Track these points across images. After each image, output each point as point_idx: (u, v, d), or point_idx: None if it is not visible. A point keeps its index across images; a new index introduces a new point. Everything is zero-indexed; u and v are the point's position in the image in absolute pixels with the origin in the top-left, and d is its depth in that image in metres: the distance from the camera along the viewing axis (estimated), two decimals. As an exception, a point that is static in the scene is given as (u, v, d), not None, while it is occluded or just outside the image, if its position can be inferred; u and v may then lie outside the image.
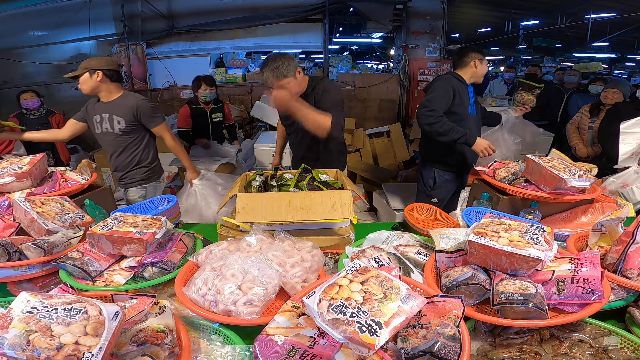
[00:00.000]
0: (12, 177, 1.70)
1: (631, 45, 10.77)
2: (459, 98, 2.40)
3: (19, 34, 5.44)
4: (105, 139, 2.46)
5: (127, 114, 2.38)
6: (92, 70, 2.28)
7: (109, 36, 5.53)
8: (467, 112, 2.45)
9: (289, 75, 2.04)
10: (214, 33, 5.52)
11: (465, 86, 2.48)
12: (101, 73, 2.30)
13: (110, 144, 2.46)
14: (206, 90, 3.77)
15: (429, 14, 5.61)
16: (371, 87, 5.73)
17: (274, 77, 2.01)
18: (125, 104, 2.39)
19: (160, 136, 2.53)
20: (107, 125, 2.40)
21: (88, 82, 2.30)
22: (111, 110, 2.38)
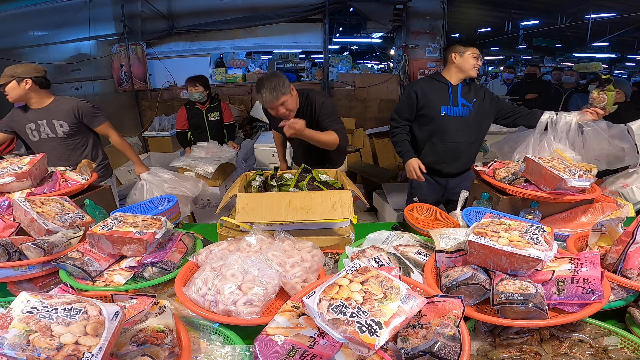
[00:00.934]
0: (12, 177, 1.70)
1: (631, 45, 10.77)
2: (424, 100, 2.35)
3: (19, 34, 5.43)
4: (48, 145, 2.38)
5: (68, 116, 2.36)
6: (20, 78, 2.23)
7: (109, 36, 5.52)
8: (439, 113, 2.34)
9: (286, 92, 2.08)
10: (214, 33, 5.51)
11: (444, 85, 2.36)
12: (30, 81, 2.26)
13: (56, 149, 2.39)
14: (193, 90, 3.75)
15: (429, 14, 5.60)
16: (371, 87, 5.72)
17: (273, 97, 2.05)
18: (64, 107, 2.37)
19: (105, 134, 2.54)
20: (47, 131, 2.35)
21: (16, 90, 2.25)
22: (49, 116, 2.34)
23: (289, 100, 2.11)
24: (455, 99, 2.34)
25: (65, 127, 2.36)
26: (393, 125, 2.47)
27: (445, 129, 2.36)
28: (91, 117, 2.44)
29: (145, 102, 5.74)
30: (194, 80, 3.77)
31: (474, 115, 2.37)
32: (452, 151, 2.39)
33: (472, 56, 2.29)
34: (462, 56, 2.30)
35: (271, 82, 2.05)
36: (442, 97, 2.35)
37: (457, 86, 2.36)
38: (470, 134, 2.41)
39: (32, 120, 2.34)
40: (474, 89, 2.41)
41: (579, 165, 1.77)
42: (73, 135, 2.41)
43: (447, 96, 2.35)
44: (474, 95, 2.37)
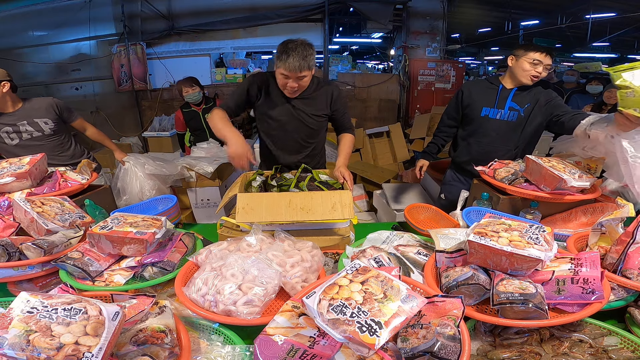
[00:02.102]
0: (12, 177, 1.70)
1: (631, 45, 10.77)
2: (469, 99, 2.27)
3: (19, 34, 5.44)
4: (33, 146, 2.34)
5: (49, 112, 2.36)
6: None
7: (109, 36, 5.53)
8: (479, 114, 2.23)
9: (312, 68, 1.84)
10: (214, 33, 5.51)
11: (495, 87, 2.22)
12: (7, 84, 2.24)
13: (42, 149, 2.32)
14: (190, 92, 3.72)
15: (429, 14, 5.61)
16: (371, 87, 5.73)
17: (300, 66, 1.76)
18: (42, 105, 2.37)
19: (82, 128, 2.56)
20: (30, 130, 2.32)
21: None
22: (28, 116, 2.31)
23: (308, 77, 1.85)
24: (502, 102, 2.19)
25: (50, 123, 2.36)
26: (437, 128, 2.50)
27: (484, 131, 2.24)
28: (68, 112, 2.46)
29: (145, 102, 5.74)
30: (189, 81, 3.72)
31: (524, 120, 2.17)
32: (487, 154, 2.20)
33: (527, 62, 2.07)
34: (517, 60, 2.12)
35: (305, 50, 1.77)
36: (487, 98, 2.23)
37: (511, 90, 2.18)
38: (512, 140, 2.22)
39: (7, 124, 2.29)
40: (535, 93, 2.16)
41: (585, 162, 1.76)
42: (58, 132, 2.41)
43: (494, 98, 2.21)
44: (529, 100, 2.15)
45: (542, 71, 2.06)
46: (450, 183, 2.51)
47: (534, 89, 2.17)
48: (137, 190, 2.51)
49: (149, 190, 2.54)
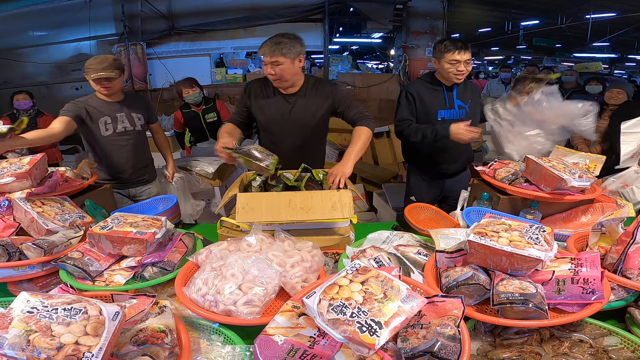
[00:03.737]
0: (12, 177, 1.69)
1: (631, 45, 10.78)
2: (420, 104, 2.22)
3: (19, 34, 5.44)
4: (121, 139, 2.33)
5: (143, 109, 2.40)
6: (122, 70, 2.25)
7: (109, 36, 5.53)
8: (436, 117, 2.21)
9: (288, 55, 1.86)
10: (214, 33, 5.51)
11: (439, 87, 2.22)
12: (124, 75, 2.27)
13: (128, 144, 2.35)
14: (190, 93, 3.70)
15: (429, 14, 5.61)
16: (371, 87, 5.73)
17: (270, 50, 1.85)
18: (138, 101, 2.43)
19: (156, 131, 2.59)
20: (125, 124, 2.32)
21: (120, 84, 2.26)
22: (127, 109, 2.33)
23: (286, 65, 1.87)
24: (450, 101, 2.24)
25: (142, 119, 2.39)
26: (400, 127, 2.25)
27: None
28: (152, 112, 2.51)
29: (145, 102, 5.74)
30: (189, 82, 3.70)
31: (470, 116, 2.25)
32: (450, 153, 2.30)
33: (445, 63, 2.11)
34: (439, 62, 2.16)
35: (282, 37, 1.87)
36: (438, 101, 2.22)
37: (452, 87, 2.24)
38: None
39: (108, 114, 2.27)
40: (470, 87, 2.32)
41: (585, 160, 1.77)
42: (143, 131, 2.43)
43: (443, 99, 2.23)
44: (470, 96, 2.28)
45: (464, 68, 2.11)
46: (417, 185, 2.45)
47: (469, 84, 2.31)
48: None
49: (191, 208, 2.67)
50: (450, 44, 2.09)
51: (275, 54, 1.84)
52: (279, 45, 1.84)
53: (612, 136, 3.17)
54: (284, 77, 1.92)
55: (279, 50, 1.84)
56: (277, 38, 1.87)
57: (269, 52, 1.86)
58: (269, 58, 1.86)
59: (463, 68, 2.11)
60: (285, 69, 1.89)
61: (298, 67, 1.94)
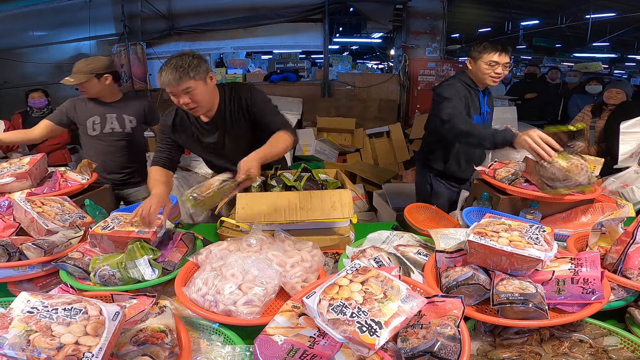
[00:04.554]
0: (12, 177, 1.70)
1: (631, 45, 10.76)
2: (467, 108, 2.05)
3: (19, 34, 5.44)
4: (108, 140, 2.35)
5: (138, 113, 2.39)
6: (100, 74, 2.21)
7: (109, 36, 5.53)
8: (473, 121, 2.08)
9: (197, 77, 1.58)
10: (214, 33, 5.51)
11: (475, 91, 2.11)
12: (110, 77, 2.26)
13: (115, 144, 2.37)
14: None
15: (429, 14, 5.61)
16: (371, 87, 5.73)
17: (175, 78, 1.54)
18: (135, 104, 2.41)
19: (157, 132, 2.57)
20: (114, 125, 2.33)
21: (96, 87, 2.22)
22: (119, 110, 2.33)
23: (198, 88, 1.60)
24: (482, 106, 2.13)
25: (134, 122, 2.37)
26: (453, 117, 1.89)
27: None
28: (153, 114, 2.49)
29: (145, 102, 5.74)
30: None
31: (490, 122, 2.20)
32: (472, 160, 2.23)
33: (484, 63, 2.00)
34: (475, 63, 2.04)
35: (181, 60, 1.56)
36: (474, 105, 2.07)
37: (485, 91, 2.14)
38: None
39: (97, 114, 2.29)
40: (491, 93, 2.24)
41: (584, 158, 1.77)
42: (134, 132, 2.42)
43: (478, 104, 2.09)
44: (492, 102, 2.20)
45: (502, 71, 2.01)
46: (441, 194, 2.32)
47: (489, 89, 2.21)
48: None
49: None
50: (490, 45, 2.00)
51: (183, 80, 1.55)
52: (182, 69, 1.55)
53: (610, 136, 3.18)
54: (202, 103, 1.65)
55: (185, 75, 1.55)
56: (176, 61, 1.56)
57: (175, 80, 1.54)
58: (177, 87, 1.56)
59: (501, 71, 2.01)
60: (200, 93, 1.62)
61: (211, 85, 1.68)
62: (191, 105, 1.63)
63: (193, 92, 1.59)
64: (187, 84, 1.56)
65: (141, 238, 1.32)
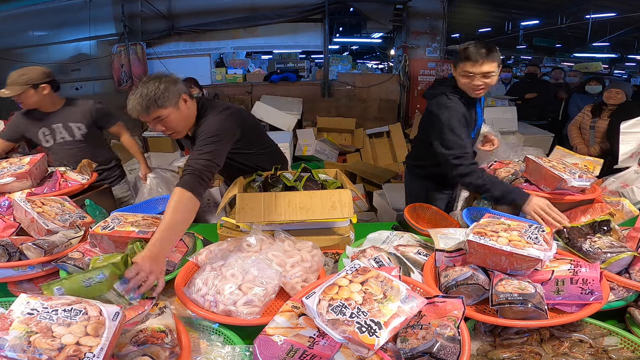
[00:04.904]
0: (12, 177, 1.70)
1: (631, 45, 10.76)
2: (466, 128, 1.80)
3: (19, 34, 5.44)
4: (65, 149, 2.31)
5: (84, 117, 2.31)
6: (36, 84, 2.13)
7: (109, 36, 5.53)
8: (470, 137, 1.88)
9: (167, 104, 1.48)
10: (214, 33, 5.51)
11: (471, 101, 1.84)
12: (48, 86, 2.17)
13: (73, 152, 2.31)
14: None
15: (429, 14, 5.61)
16: (371, 87, 5.73)
17: (143, 109, 1.45)
18: (79, 110, 2.32)
19: (118, 134, 2.54)
20: (63, 135, 2.28)
21: (33, 98, 2.14)
22: (64, 119, 2.27)
23: (171, 116, 1.51)
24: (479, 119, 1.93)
25: (83, 128, 2.32)
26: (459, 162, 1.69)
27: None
28: (106, 117, 2.43)
29: (145, 102, 5.74)
30: (188, 82, 3.68)
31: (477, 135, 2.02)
32: None
33: (461, 73, 1.73)
34: (455, 71, 1.77)
35: (147, 87, 1.45)
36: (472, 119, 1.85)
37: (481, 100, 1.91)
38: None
39: (45, 125, 2.25)
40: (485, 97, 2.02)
41: (583, 163, 1.77)
42: (89, 138, 2.36)
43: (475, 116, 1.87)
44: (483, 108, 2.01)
45: (481, 82, 1.68)
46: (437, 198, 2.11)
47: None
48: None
49: None
50: (464, 53, 1.67)
51: (152, 109, 1.46)
52: (149, 98, 1.44)
53: (611, 137, 3.18)
54: (177, 129, 1.58)
55: (153, 105, 1.46)
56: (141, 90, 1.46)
57: (143, 111, 1.46)
58: (147, 117, 1.49)
59: (480, 82, 1.69)
60: (173, 120, 1.53)
61: (185, 108, 1.56)
62: (167, 132, 1.57)
63: (165, 120, 1.51)
64: (157, 114, 1.48)
65: (141, 238, 1.32)
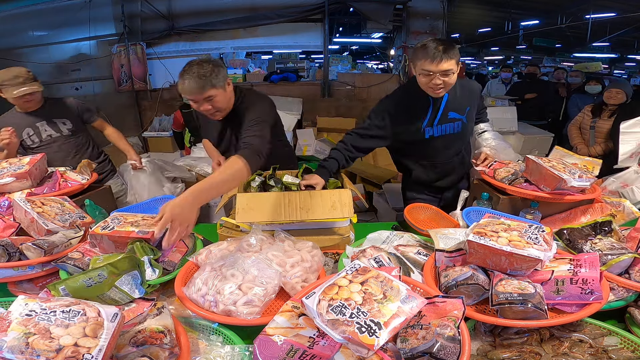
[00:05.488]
0: (12, 177, 1.70)
1: (631, 45, 10.77)
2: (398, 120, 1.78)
3: (19, 34, 5.43)
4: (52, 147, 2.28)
5: (68, 112, 2.31)
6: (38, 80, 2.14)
7: (109, 36, 5.52)
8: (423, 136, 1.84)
9: (218, 85, 1.65)
10: (214, 33, 5.51)
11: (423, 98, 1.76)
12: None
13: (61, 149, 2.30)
14: None
15: (429, 14, 5.60)
16: (371, 87, 5.72)
17: (199, 87, 1.60)
18: (61, 105, 2.32)
19: (101, 128, 2.51)
20: (49, 132, 2.26)
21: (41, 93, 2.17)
22: (47, 116, 2.25)
23: (219, 96, 1.68)
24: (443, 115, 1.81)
25: (68, 124, 2.31)
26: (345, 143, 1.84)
27: (433, 152, 1.92)
28: (88, 112, 2.42)
29: (145, 102, 5.74)
30: None
31: (467, 124, 1.90)
32: (442, 168, 2.01)
33: (418, 72, 1.66)
34: (414, 69, 1.70)
35: (202, 68, 1.61)
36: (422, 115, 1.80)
37: (442, 97, 1.77)
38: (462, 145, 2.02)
39: (28, 125, 2.23)
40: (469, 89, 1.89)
41: (582, 164, 1.77)
42: (76, 133, 2.36)
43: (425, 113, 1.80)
44: (467, 101, 1.87)
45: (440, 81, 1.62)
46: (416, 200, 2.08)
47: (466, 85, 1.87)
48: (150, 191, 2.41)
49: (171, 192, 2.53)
50: (423, 49, 1.60)
51: (206, 89, 1.62)
52: (205, 78, 1.60)
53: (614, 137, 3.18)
54: (221, 109, 1.75)
55: (208, 84, 1.62)
56: (197, 69, 1.61)
57: (198, 90, 1.61)
58: (199, 96, 1.63)
59: (439, 81, 1.62)
60: (220, 100, 1.70)
61: (229, 90, 1.77)
62: (211, 111, 1.71)
63: (214, 100, 1.67)
64: (209, 93, 1.63)
65: (141, 238, 1.32)
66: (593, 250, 1.20)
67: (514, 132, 4.39)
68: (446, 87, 1.67)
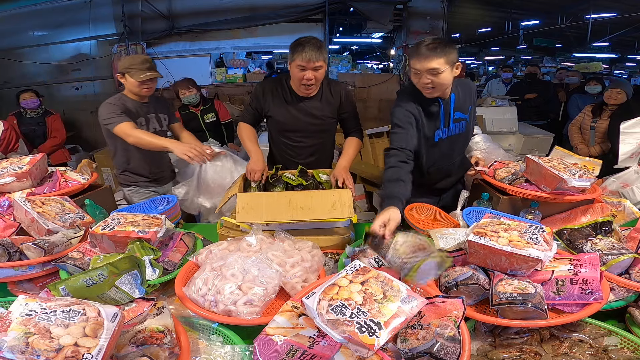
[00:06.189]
0: (12, 177, 1.70)
1: (631, 45, 10.77)
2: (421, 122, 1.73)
3: (19, 34, 5.44)
4: None
5: (167, 109, 2.34)
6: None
7: (109, 36, 5.52)
8: (433, 140, 1.78)
9: (326, 60, 1.91)
10: (214, 33, 5.51)
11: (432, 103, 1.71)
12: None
13: None
14: (187, 94, 3.66)
15: (429, 14, 5.60)
16: (371, 87, 5.72)
17: (316, 55, 1.81)
18: (162, 101, 2.34)
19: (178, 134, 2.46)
20: (155, 126, 2.27)
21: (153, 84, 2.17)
22: (155, 109, 2.26)
23: (323, 69, 1.90)
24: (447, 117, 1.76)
25: (167, 120, 2.31)
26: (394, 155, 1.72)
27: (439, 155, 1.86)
28: (173, 113, 2.41)
29: (146, 102, 5.74)
30: (186, 83, 3.66)
31: (469, 123, 1.87)
32: (445, 170, 1.95)
33: (413, 73, 1.63)
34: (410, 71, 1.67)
35: (318, 42, 1.86)
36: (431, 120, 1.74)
37: (450, 98, 1.74)
38: (464, 145, 1.98)
39: (142, 115, 2.21)
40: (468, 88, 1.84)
41: (582, 164, 1.77)
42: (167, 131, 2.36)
43: (439, 117, 1.75)
44: (469, 100, 1.83)
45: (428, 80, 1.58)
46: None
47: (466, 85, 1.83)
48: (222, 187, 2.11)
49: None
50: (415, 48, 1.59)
51: (319, 58, 1.84)
52: (320, 50, 1.83)
53: (612, 137, 3.18)
54: (317, 82, 1.94)
55: (321, 56, 1.84)
56: (316, 42, 1.85)
57: (315, 56, 1.82)
58: (313, 63, 1.83)
59: (427, 80, 1.58)
60: (321, 74, 1.91)
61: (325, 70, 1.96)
62: (311, 81, 1.90)
63: (319, 71, 1.88)
64: (321, 60, 1.85)
65: (141, 238, 1.32)
66: (593, 250, 1.20)
67: (514, 132, 4.38)
68: (436, 87, 1.61)
